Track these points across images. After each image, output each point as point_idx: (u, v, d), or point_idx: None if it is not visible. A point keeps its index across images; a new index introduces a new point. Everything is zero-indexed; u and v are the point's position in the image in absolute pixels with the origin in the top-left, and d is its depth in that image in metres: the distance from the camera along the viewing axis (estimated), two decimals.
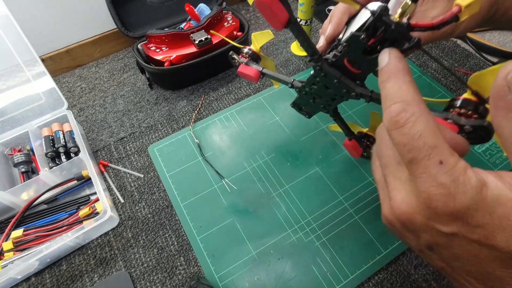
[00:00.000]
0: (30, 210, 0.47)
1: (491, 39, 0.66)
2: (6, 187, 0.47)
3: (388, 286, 0.40)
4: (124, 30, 0.62)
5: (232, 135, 0.54)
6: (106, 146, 0.54)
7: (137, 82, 0.64)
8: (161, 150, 0.53)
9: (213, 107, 0.59)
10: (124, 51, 0.71)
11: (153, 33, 0.58)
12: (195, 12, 0.62)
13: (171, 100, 0.60)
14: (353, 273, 0.40)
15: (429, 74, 0.61)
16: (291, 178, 0.48)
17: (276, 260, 0.42)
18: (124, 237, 0.45)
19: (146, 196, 0.48)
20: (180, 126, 0.56)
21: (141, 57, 0.59)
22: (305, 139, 0.52)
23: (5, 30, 0.47)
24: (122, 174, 0.51)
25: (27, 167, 0.50)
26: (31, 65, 0.50)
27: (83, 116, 0.59)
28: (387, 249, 0.42)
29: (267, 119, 0.55)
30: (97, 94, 0.63)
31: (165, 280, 0.41)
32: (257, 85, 0.61)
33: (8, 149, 0.52)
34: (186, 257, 0.43)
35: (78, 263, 0.43)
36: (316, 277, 0.40)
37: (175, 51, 0.57)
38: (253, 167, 0.50)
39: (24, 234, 0.43)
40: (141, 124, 0.57)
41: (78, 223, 0.44)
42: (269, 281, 0.40)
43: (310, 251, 0.42)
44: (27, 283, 0.42)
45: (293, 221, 0.45)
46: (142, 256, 0.43)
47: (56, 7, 0.60)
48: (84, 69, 0.68)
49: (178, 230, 0.45)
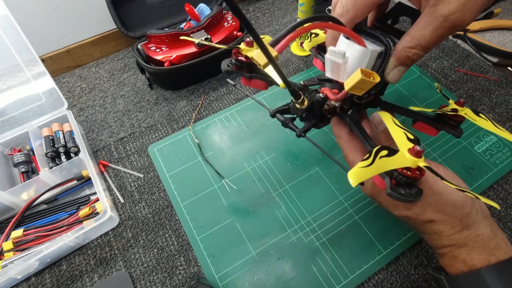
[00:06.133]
0: (30, 210, 0.47)
1: (491, 39, 0.66)
2: (6, 187, 0.47)
3: (388, 286, 0.40)
4: (124, 30, 0.62)
5: (232, 135, 0.54)
6: (106, 146, 0.54)
7: (137, 82, 0.64)
8: (161, 150, 0.53)
9: (213, 107, 0.59)
10: (124, 51, 0.71)
11: (153, 33, 0.58)
12: (195, 12, 0.62)
13: (171, 100, 0.60)
14: (353, 273, 0.40)
15: (429, 74, 0.61)
16: (291, 178, 0.48)
17: (276, 260, 0.42)
18: (124, 237, 0.45)
19: (146, 196, 0.48)
20: (180, 126, 0.56)
21: (141, 57, 0.59)
22: (304, 139, 0.52)
23: (5, 30, 0.47)
24: (122, 174, 0.51)
25: (27, 167, 0.50)
26: (31, 65, 0.50)
27: (83, 116, 0.59)
28: (387, 249, 0.42)
29: (267, 119, 0.55)
30: (97, 94, 0.63)
31: (165, 280, 0.41)
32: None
33: (8, 149, 0.52)
34: (186, 257, 0.43)
35: (78, 263, 0.43)
36: (316, 277, 0.40)
37: (175, 51, 0.57)
38: (253, 167, 0.50)
39: (24, 234, 0.43)
40: (141, 124, 0.57)
41: (78, 223, 0.44)
42: (269, 281, 0.40)
43: (310, 251, 0.42)
44: (27, 283, 0.42)
45: (293, 221, 0.45)
46: (142, 256, 0.43)
47: (56, 7, 0.60)
48: (84, 69, 0.68)
49: (178, 230, 0.45)
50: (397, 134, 0.26)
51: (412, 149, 0.24)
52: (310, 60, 0.65)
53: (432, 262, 0.41)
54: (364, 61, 0.27)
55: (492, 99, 0.56)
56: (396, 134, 0.26)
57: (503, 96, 0.56)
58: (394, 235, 0.43)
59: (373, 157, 0.23)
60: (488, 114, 0.54)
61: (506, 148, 0.50)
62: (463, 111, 0.33)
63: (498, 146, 0.50)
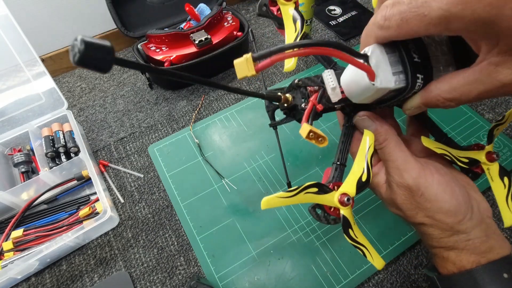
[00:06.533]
0: (30, 210, 0.47)
1: None
2: (6, 187, 0.47)
3: (388, 286, 0.40)
4: (124, 30, 0.62)
5: (232, 135, 0.54)
6: (106, 146, 0.54)
7: (137, 82, 0.64)
8: (161, 150, 0.53)
9: (213, 107, 0.59)
10: (124, 51, 0.71)
11: (153, 33, 0.58)
12: (195, 12, 0.62)
13: (171, 100, 0.60)
14: (353, 273, 0.40)
15: None
16: (291, 178, 0.48)
17: (276, 260, 0.42)
18: (124, 237, 0.45)
19: (146, 196, 0.48)
20: (180, 126, 0.56)
21: (141, 57, 0.59)
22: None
23: (5, 30, 0.47)
24: (122, 174, 0.51)
25: (27, 167, 0.49)
26: (31, 65, 0.50)
27: (83, 116, 0.59)
28: (387, 249, 0.42)
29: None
30: (97, 94, 0.63)
31: (165, 280, 0.41)
32: (257, 85, 0.61)
33: (8, 149, 0.52)
34: (186, 257, 0.43)
35: (78, 263, 0.43)
36: (316, 277, 0.40)
37: (175, 51, 0.57)
38: (253, 167, 0.50)
39: (24, 234, 0.43)
40: (141, 124, 0.57)
41: (78, 223, 0.44)
42: (269, 281, 0.40)
43: (310, 251, 0.42)
44: (27, 283, 0.42)
45: (293, 221, 0.45)
46: (142, 256, 0.43)
47: (56, 7, 0.60)
48: (84, 69, 0.68)
49: (178, 230, 0.45)
50: (355, 170, 0.26)
51: (341, 197, 0.25)
52: (310, 60, 0.65)
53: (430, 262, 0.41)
54: (368, 93, 0.23)
55: (492, 99, 0.56)
56: (355, 167, 0.27)
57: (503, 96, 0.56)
58: (394, 235, 0.43)
59: (297, 191, 0.25)
60: (488, 114, 0.54)
61: (506, 148, 0.50)
62: (488, 166, 0.29)
63: (498, 146, 0.50)
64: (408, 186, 0.26)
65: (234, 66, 0.19)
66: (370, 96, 0.23)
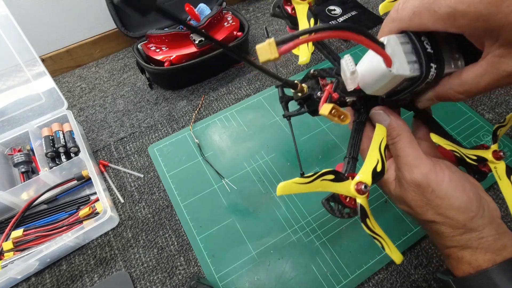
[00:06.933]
0: (30, 210, 0.47)
1: None
2: (6, 187, 0.47)
3: (388, 286, 0.40)
4: (124, 30, 0.62)
5: (232, 135, 0.54)
6: (106, 146, 0.54)
7: (137, 82, 0.64)
8: (161, 150, 0.53)
9: (213, 107, 0.59)
10: (124, 51, 0.71)
11: (153, 33, 0.58)
12: (195, 12, 0.62)
13: (171, 100, 0.60)
14: (353, 273, 0.40)
15: None
16: (291, 178, 0.48)
17: (276, 260, 0.42)
18: (124, 237, 0.45)
19: (146, 196, 0.48)
20: (180, 126, 0.56)
21: (141, 57, 0.59)
22: (305, 139, 0.52)
23: (5, 30, 0.47)
24: (122, 174, 0.51)
25: (27, 167, 0.50)
26: (31, 65, 0.50)
27: (83, 116, 0.59)
28: None
29: (267, 119, 0.55)
30: (97, 94, 0.63)
31: (165, 280, 0.41)
32: (257, 85, 0.61)
33: (8, 149, 0.52)
34: (186, 257, 0.43)
35: (78, 263, 0.43)
36: (316, 277, 0.40)
37: (175, 51, 0.57)
38: (253, 167, 0.50)
39: (24, 234, 0.43)
40: (141, 124, 0.57)
41: (78, 223, 0.44)
42: (269, 281, 0.40)
43: (310, 251, 0.42)
44: (27, 283, 0.42)
45: (293, 221, 0.45)
46: (142, 256, 0.43)
47: (56, 7, 0.60)
48: (84, 69, 0.68)
49: (178, 230, 0.45)
50: (369, 161, 0.26)
51: (358, 185, 0.25)
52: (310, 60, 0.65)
53: (432, 262, 0.41)
54: (384, 80, 0.23)
55: (492, 99, 0.56)
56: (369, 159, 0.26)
57: (503, 96, 0.56)
58: (394, 235, 0.43)
59: (314, 178, 0.24)
60: (488, 114, 0.54)
61: (506, 148, 0.50)
62: (494, 164, 0.29)
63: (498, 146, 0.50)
64: (418, 182, 0.26)
65: (256, 50, 0.19)
66: (385, 85, 0.24)
